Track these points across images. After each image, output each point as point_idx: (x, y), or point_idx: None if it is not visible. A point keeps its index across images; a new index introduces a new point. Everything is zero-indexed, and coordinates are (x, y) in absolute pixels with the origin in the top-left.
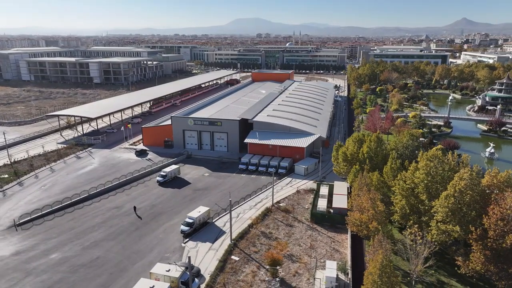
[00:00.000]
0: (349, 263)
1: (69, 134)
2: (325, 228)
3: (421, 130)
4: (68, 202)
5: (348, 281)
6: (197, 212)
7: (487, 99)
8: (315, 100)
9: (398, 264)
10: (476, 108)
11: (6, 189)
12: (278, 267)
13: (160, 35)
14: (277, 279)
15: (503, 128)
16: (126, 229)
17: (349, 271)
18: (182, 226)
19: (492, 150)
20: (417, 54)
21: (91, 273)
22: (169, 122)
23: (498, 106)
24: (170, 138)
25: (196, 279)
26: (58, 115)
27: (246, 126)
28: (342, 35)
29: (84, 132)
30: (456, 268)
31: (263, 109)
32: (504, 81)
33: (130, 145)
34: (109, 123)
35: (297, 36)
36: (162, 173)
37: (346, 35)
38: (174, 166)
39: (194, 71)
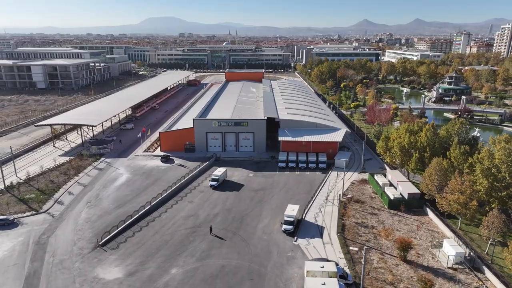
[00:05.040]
0: (457, 240)
1: (62, 145)
2: (405, 213)
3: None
4: (136, 216)
5: (472, 254)
6: (292, 210)
7: (440, 91)
8: (309, 98)
9: None
10: (434, 99)
11: (47, 210)
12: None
13: (69, 35)
14: None
15: (470, 116)
16: (223, 235)
17: (463, 246)
18: (284, 225)
19: (478, 134)
20: (354, 52)
21: (231, 282)
22: (185, 125)
23: (463, 97)
24: (191, 141)
25: (348, 272)
26: (50, 124)
27: (269, 125)
28: (258, 35)
29: (83, 141)
30: None
31: (276, 108)
32: (453, 75)
33: (144, 151)
34: (101, 129)
35: (225, 35)
36: (214, 177)
37: (263, 34)
38: (222, 169)
39: (141, 73)
